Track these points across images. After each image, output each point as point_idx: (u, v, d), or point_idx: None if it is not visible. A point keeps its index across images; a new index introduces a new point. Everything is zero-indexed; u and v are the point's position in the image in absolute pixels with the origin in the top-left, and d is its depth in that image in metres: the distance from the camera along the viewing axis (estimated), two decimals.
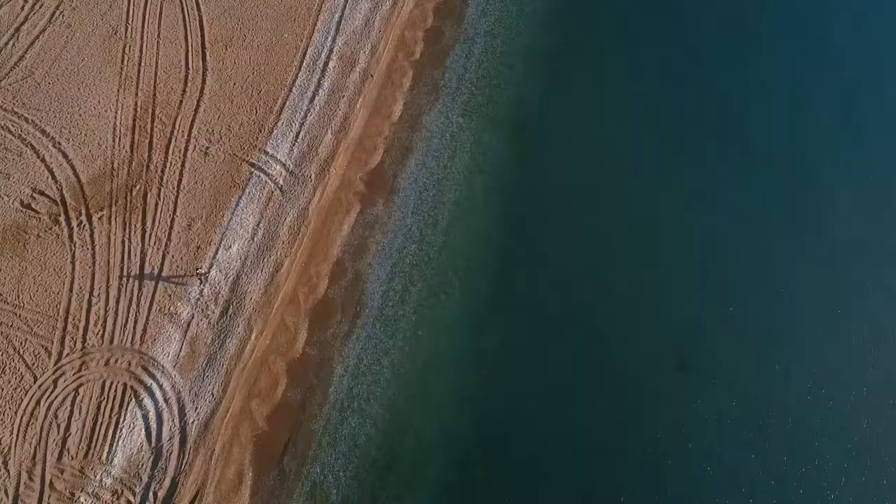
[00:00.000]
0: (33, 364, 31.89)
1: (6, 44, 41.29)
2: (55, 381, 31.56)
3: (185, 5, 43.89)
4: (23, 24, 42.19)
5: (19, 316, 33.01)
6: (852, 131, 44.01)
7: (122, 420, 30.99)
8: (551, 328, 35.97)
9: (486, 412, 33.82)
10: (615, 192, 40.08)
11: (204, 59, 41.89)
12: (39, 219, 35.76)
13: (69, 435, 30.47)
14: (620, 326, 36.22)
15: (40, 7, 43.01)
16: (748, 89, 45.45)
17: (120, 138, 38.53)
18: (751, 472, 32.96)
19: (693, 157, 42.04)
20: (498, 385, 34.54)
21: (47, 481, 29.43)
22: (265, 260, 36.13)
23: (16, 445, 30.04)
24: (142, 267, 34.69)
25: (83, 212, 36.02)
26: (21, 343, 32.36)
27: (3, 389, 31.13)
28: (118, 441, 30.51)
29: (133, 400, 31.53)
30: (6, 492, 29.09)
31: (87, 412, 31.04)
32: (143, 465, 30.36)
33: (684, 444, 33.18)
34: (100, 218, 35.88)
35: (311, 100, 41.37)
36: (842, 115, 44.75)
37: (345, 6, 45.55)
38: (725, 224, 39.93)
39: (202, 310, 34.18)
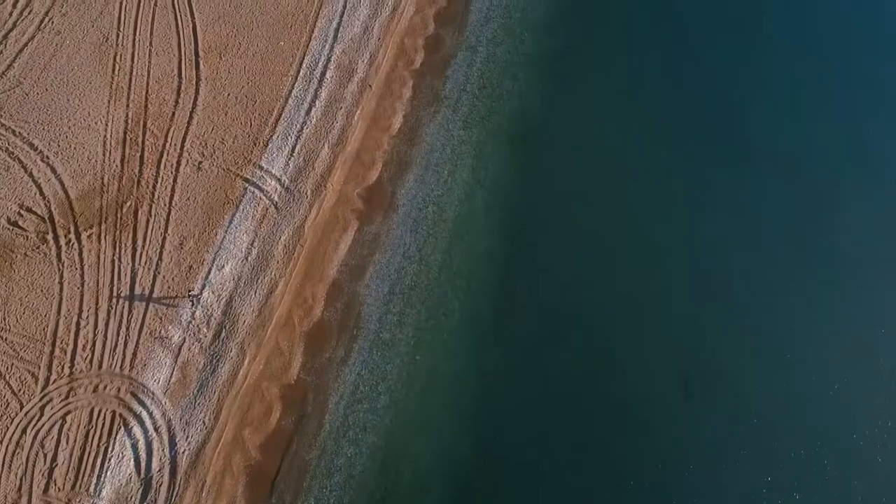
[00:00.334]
0: (19, 390, 30.95)
1: None
2: (42, 409, 30.63)
3: (178, 12, 42.53)
4: (11, 31, 40.85)
5: (5, 339, 32.03)
6: (855, 135, 43.07)
7: (110, 449, 30.11)
8: (555, 352, 34.93)
9: (486, 440, 32.90)
10: (620, 211, 38.94)
11: (197, 69, 40.62)
12: (27, 237, 34.68)
13: (56, 465, 29.59)
14: (624, 350, 35.26)
15: (29, 13, 41.64)
16: (755, 101, 44.32)
17: (110, 152, 37.36)
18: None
19: (698, 170, 40.93)
20: (499, 412, 33.63)
21: None
22: (259, 281, 35.06)
23: (1, 476, 29.16)
24: (132, 288, 33.67)
25: (72, 229, 34.93)
26: (7, 368, 31.40)
27: None
28: (106, 472, 29.64)
29: (122, 428, 30.62)
30: None
31: (75, 441, 30.14)
32: (131, 497, 29.48)
33: (691, 476, 32.29)
34: (89, 236, 34.80)
35: (308, 112, 40.11)
36: (845, 119, 43.75)
37: (343, 13, 44.18)
38: (733, 238, 38.97)
39: (194, 333, 33.17)
